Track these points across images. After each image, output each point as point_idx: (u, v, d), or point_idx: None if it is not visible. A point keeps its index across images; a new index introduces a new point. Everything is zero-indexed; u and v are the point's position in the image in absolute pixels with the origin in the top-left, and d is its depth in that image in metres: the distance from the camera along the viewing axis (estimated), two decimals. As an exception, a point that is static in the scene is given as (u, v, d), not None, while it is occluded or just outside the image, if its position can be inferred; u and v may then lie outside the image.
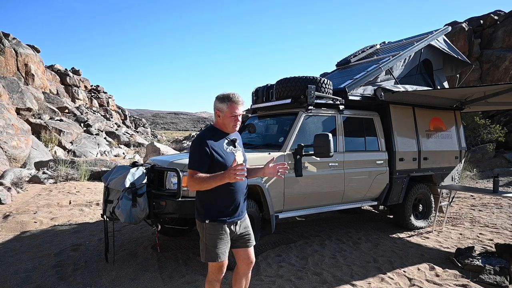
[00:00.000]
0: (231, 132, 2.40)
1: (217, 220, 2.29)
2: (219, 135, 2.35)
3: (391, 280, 3.56)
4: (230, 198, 2.31)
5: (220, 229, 2.29)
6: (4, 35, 18.28)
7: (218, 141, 2.30)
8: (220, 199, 2.30)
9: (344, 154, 4.66)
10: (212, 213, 2.30)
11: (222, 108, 2.29)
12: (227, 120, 2.31)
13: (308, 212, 4.44)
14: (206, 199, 2.32)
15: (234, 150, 2.37)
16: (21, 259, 4.01)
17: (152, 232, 4.98)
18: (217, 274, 2.38)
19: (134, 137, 26.03)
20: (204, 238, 2.32)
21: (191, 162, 2.25)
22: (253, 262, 2.51)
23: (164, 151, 12.74)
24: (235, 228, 2.37)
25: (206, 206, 2.32)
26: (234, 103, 2.28)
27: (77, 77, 29.66)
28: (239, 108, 2.31)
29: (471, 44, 16.53)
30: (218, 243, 2.29)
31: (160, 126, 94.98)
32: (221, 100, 2.30)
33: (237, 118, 2.32)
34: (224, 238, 2.31)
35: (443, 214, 5.84)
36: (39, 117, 16.69)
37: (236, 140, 2.40)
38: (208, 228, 2.30)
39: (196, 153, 2.25)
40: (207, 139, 2.27)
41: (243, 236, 2.44)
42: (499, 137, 13.07)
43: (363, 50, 6.71)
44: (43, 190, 7.85)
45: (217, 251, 2.28)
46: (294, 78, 4.54)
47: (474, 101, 5.73)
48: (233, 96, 2.29)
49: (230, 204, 2.31)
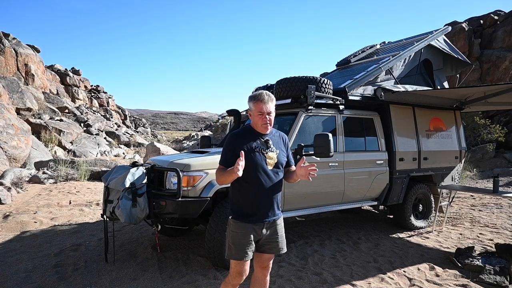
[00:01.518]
0: (262, 131, 2.34)
1: (238, 218, 2.32)
2: (252, 134, 2.35)
3: (391, 280, 3.56)
4: (251, 199, 2.30)
5: (242, 228, 2.29)
6: (4, 35, 18.28)
7: (248, 141, 2.31)
8: (241, 198, 2.33)
9: (344, 154, 4.66)
10: (235, 210, 2.36)
11: (251, 107, 2.33)
12: (255, 118, 2.32)
13: (308, 212, 4.44)
14: (233, 196, 2.38)
15: (264, 151, 2.31)
16: (21, 259, 4.01)
17: (152, 232, 4.98)
18: (235, 278, 2.37)
19: (134, 137, 26.03)
20: (228, 234, 2.38)
21: (220, 157, 2.34)
22: (268, 269, 2.48)
23: (164, 151, 12.75)
24: (261, 231, 2.32)
25: (232, 203, 2.39)
26: (259, 101, 2.27)
27: (77, 77, 29.65)
28: (265, 106, 2.27)
29: (471, 44, 16.52)
30: (239, 242, 2.29)
31: (160, 126, 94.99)
32: (250, 99, 2.34)
33: (264, 116, 2.28)
34: (245, 237, 2.28)
35: (443, 214, 5.84)
36: (39, 117, 16.69)
37: (269, 141, 2.35)
38: (231, 225, 2.35)
39: (224, 150, 2.34)
40: (236, 137, 2.33)
41: (270, 242, 2.38)
42: (499, 137, 13.07)
43: (363, 50, 6.71)
44: (43, 190, 7.85)
45: (238, 250, 2.29)
46: (294, 78, 4.54)
47: (474, 101, 5.73)
48: (259, 95, 2.29)
49: (250, 205, 2.31)
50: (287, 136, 2.56)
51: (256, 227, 2.31)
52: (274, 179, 2.33)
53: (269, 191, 2.32)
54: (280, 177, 2.38)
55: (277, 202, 2.38)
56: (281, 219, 2.44)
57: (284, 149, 2.45)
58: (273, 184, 2.32)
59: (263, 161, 2.29)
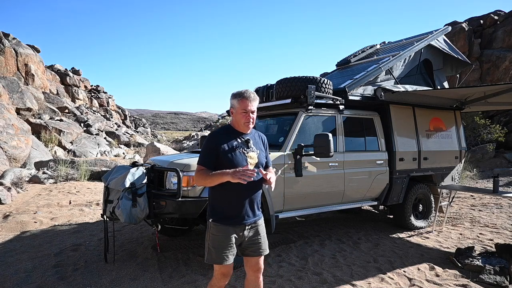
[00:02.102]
0: (244, 130, 2.32)
1: (220, 220, 2.24)
2: (233, 134, 2.31)
3: (391, 280, 3.56)
4: (234, 200, 2.24)
5: (223, 231, 2.23)
6: (4, 35, 18.28)
7: (228, 140, 2.26)
8: (223, 200, 2.26)
9: (344, 154, 4.66)
10: (216, 213, 2.27)
11: (234, 104, 2.27)
12: (239, 116, 2.27)
13: (308, 212, 4.44)
14: (212, 198, 2.31)
15: (245, 151, 2.28)
16: (21, 259, 4.01)
17: (152, 232, 4.98)
18: (219, 280, 2.31)
19: (134, 137, 26.03)
20: (208, 237, 2.29)
21: (199, 158, 2.27)
22: (260, 270, 2.41)
23: (164, 151, 12.75)
24: (243, 233, 2.28)
25: (212, 205, 2.31)
26: (245, 98, 2.23)
27: (77, 77, 29.66)
28: (250, 104, 2.24)
29: (471, 44, 16.52)
30: (220, 245, 2.22)
31: (160, 126, 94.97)
32: (234, 96, 2.28)
33: (248, 115, 2.25)
34: (227, 241, 2.23)
35: (443, 214, 5.83)
36: (39, 117, 16.70)
37: (249, 141, 2.31)
38: (212, 228, 2.27)
39: (204, 150, 2.27)
40: (217, 136, 2.27)
41: (253, 243, 2.33)
42: (499, 137, 13.07)
43: (363, 50, 6.71)
44: (43, 190, 7.85)
45: (218, 254, 2.22)
46: (294, 78, 4.54)
47: (474, 101, 5.73)
48: (245, 92, 2.25)
49: (233, 207, 2.24)
50: (266, 137, 2.53)
51: (238, 229, 2.26)
52: (255, 179, 2.25)
53: (251, 192, 2.28)
54: (261, 177, 2.32)
55: (257, 202, 2.34)
56: (262, 219, 2.40)
57: (264, 149, 2.43)
58: (255, 185, 2.27)
59: (244, 160, 2.24)
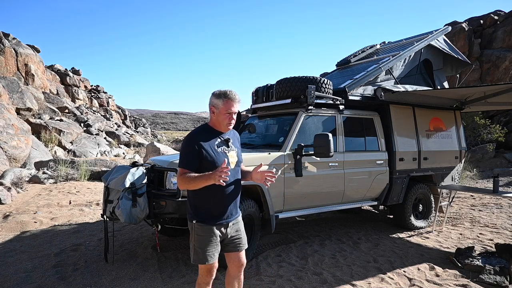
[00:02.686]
0: (225, 130, 2.32)
1: (205, 221, 2.24)
2: (212, 133, 2.28)
3: (391, 280, 3.56)
4: (219, 200, 2.25)
5: (209, 231, 2.23)
6: (4, 35, 18.27)
7: (209, 140, 2.23)
8: (208, 200, 2.24)
9: (344, 154, 4.66)
10: (201, 213, 2.25)
11: (218, 104, 2.22)
12: (222, 117, 2.24)
13: (308, 212, 4.44)
14: (195, 199, 2.27)
15: (226, 150, 2.28)
16: (21, 259, 4.01)
17: (152, 232, 4.98)
18: (206, 277, 2.32)
19: (134, 137, 26.02)
20: (193, 238, 2.27)
21: (180, 160, 2.21)
22: (243, 265, 2.44)
23: (164, 151, 12.74)
24: (226, 230, 2.30)
25: (195, 206, 2.27)
26: (230, 99, 2.21)
27: (77, 77, 29.64)
28: (235, 106, 2.23)
29: (471, 44, 16.52)
30: (206, 245, 2.23)
31: (160, 126, 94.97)
32: (217, 96, 2.24)
33: (231, 116, 2.25)
34: (213, 240, 2.24)
35: (443, 214, 5.84)
36: (39, 117, 16.69)
37: (229, 140, 2.32)
38: (197, 229, 2.25)
39: (185, 152, 2.20)
40: (197, 137, 2.22)
41: (234, 239, 2.37)
42: (499, 137, 13.07)
43: (363, 50, 6.71)
44: (43, 190, 7.85)
45: (205, 254, 2.23)
46: (294, 78, 4.54)
47: (474, 101, 5.73)
48: (230, 93, 2.22)
49: (219, 206, 2.26)
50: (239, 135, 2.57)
51: (222, 227, 2.28)
52: (237, 177, 2.33)
53: (234, 190, 2.30)
54: (240, 175, 2.37)
55: (238, 200, 2.38)
56: (240, 215, 2.45)
57: (239, 147, 2.47)
58: (236, 183, 2.32)
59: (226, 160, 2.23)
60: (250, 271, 3.69)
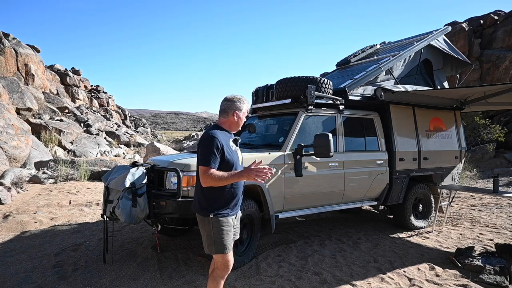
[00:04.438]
0: (235, 131, 2.57)
1: (223, 213, 2.41)
2: (226, 134, 2.49)
3: (391, 280, 3.56)
4: (234, 193, 2.45)
5: (226, 222, 2.42)
6: (4, 35, 18.27)
7: (226, 140, 2.44)
8: (225, 194, 2.41)
9: (344, 154, 4.66)
10: (219, 207, 2.41)
11: (242, 108, 2.51)
12: (242, 120, 2.53)
13: (308, 212, 4.44)
14: (212, 195, 2.40)
15: (236, 149, 2.52)
16: (21, 259, 4.01)
17: (152, 232, 4.98)
18: (223, 270, 2.48)
19: (134, 137, 26.02)
20: (211, 232, 2.40)
21: (205, 159, 2.32)
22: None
23: (164, 151, 12.74)
24: (234, 221, 2.53)
25: (212, 201, 2.41)
26: (248, 104, 2.57)
27: (77, 77, 29.64)
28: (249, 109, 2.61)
29: (471, 44, 16.52)
30: (225, 235, 2.41)
31: (160, 126, 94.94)
32: (242, 101, 2.52)
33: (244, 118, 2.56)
34: (230, 230, 2.45)
35: (443, 214, 5.84)
36: (39, 117, 16.69)
37: (238, 140, 2.59)
38: (214, 222, 2.40)
39: (210, 151, 2.32)
40: (219, 137, 2.39)
41: (236, 228, 2.58)
42: (499, 137, 13.07)
43: (363, 50, 6.71)
44: (43, 190, 7.85)
45: (224, 243, 2.41)
46: (294, 78, 4.54)
47: (474, 101, 5.73)
48: (246, 99, 2.57)
49: (233, 199, 2.46)
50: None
51: (235, 217, 2.54)
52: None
53: (243, 184, 2.57)
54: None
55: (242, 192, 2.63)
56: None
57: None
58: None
59: (239, 159, 2.52)
60: (250, 271, 3.69)
